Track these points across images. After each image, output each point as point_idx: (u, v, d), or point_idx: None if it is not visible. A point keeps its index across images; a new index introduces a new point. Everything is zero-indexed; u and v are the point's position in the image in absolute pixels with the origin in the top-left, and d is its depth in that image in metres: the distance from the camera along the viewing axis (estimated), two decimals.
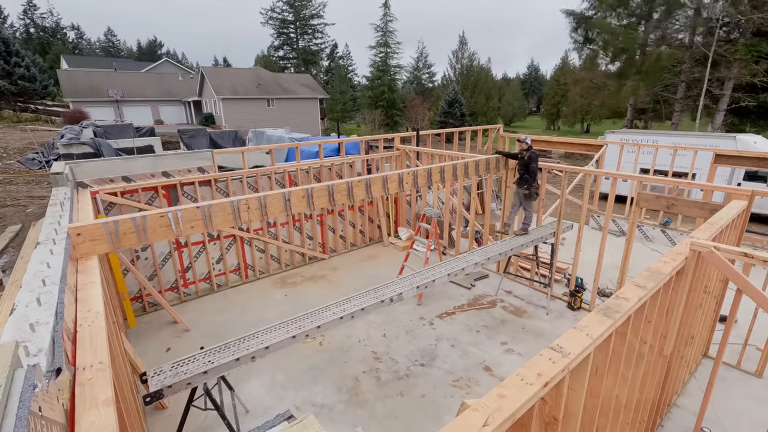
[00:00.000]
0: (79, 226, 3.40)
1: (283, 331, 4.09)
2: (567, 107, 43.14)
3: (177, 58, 76.22)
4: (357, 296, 4.81)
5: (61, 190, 5.05)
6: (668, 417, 4.58)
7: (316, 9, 54.17)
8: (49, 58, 56.09)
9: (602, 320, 2.31)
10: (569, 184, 7.54)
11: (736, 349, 5.49)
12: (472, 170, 6.65)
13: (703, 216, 5.07)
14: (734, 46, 20.59)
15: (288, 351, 5.48)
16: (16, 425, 1.18)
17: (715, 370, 3.56)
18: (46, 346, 1.73)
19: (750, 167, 8.42)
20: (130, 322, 6.67)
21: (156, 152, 17.32)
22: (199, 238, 7.51)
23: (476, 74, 46.48)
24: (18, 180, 16.38)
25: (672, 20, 23.13)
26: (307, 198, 4.82)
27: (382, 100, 46.21)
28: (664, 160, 10.88)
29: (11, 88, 34.75)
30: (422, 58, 52.65)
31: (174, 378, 3.38)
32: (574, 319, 6.76)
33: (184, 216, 3.97)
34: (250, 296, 7.65)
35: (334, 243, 9.55)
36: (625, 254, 6.23)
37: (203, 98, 39.59)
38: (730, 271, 3.17)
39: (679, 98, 23.87)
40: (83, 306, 2.47)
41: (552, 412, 2.02)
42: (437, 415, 4.74)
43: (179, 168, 7.22)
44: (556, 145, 12.38)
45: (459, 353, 5.85)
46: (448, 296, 7.49)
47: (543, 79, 68.55)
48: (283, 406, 4.84)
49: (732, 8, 19.71)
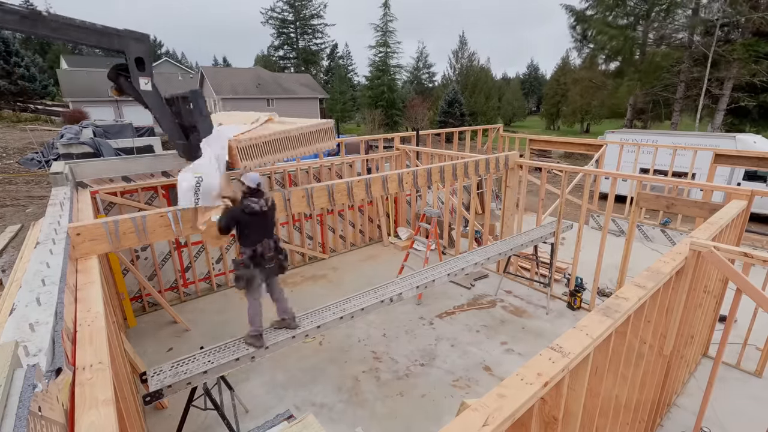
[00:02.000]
0: (78, 225, 3.40)
1: (283, 331, 4.09)
2: (567, 107, 43.14)
3: (177, 58, 76.11)
4: (357, 296, 4.81)
5: (61, 190, 5.04)
6: (668, 417, 4.59)
7: (317, 9, 54.18)
8: (48, 58, 56.05)
9: (602, 320, 2.31)
10: (569, 183, 7.55)
11: (735, 349, 5.49)
12: (472, 170, 6.65)
13: (703, 216, 5.07)
14: (733, 45, 20.59)
15: (288, 351, 5.48)
16: (15, 425, 1.17)
17: (715, 369, 3.56)
18: (46, 346, 1.73)
19: (750, 167, 8.43)
20: (130, 322, 6.67)
21: (156, 152, 17.32)
22: (198, 238, 7.50)
23: (476, 74, 46.47)
24: (17, 180, 16.38)
25: (671, 20, 23.13)
26: (307, 198, 4.82)
27: (382, 100, 46.20)
28: (663, 160, 10.88)
29: (11, 88, 34.75)
30: (422, 58, 52.66)
31: (174, 378, 3.38)
32: (574, 318, 6.77)
33: (184, 216, 3.96)
34: None
35: (334, 243, 9.55)
36: (624, 254, 6.23)
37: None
38: (729, 270, 3.17)
39: (678, 98, 23.86)
40: (83, 306, 2.47)
41: (552, 411, 2.02)
42: (437, 415, 4.74)
43: (179, 168, 7.20)
44: (556, 145, 12.39)
45: (459, 353, 5.85)
46: (448, 296, 7.49)
47: (543, 79, 68.51)
48: (283, 406, 4.84)
49: (730, 8, 19.70)
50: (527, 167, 7.51)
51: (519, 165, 7.55)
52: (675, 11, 22.67)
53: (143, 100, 4.01)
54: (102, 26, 3.52)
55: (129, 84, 3.89)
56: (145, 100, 3.99)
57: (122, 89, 3.98)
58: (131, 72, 3.80)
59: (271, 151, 4.37)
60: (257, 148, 4.23)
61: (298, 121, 5.07)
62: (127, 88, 3.94)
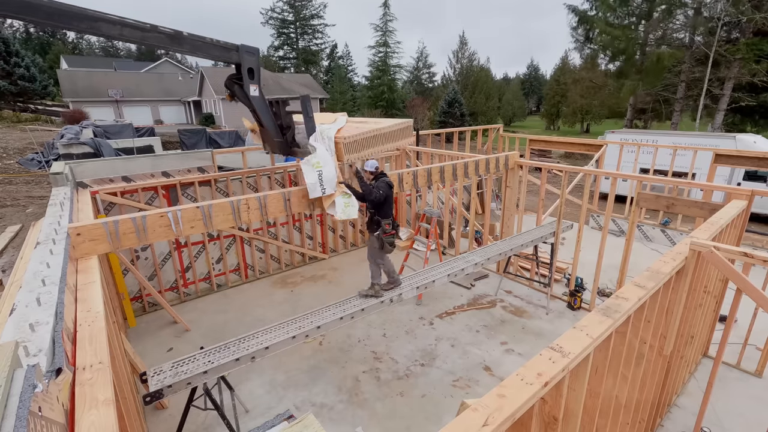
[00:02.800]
0: (78, 226, 3.40)
1: (283, 332, 4.09)
2: (567, 107, 43.12)
3: (177, 58, 76.12)
4: (357, 296, 4.82)
5: (61, 190, 5.05)
6: (668, 417, 4.59)
7: (316, 9, 54.21)
8: (48, 58, 56.07)
9: (602, 320, 2.31)
10: (569, 183, 7.55)
11: (735, 349, 5.49)
12: (472, 170, 6.65)
13: (703, 216, 5.07)
14: (735, 45, 20.59)
15: (288, 351, 5.47)
16: (15, 425, 1.17)
17: (715, 369, 3.56)
18: (46, 346, 1.73)
19: (750, 167, 8.42)
20: (130, 322, 6.67)
21: (156, 152, 17.33)
22: (198, 238, 7.50)
23: (476, 74, 46.46)
24: (18, 180, 16.38)
25: (672, 20, 23.13)
26: (307, 198, 4.82)
27: (382, 100, 46.22)
28: (663, 160, 10.88)
29: (11, 88, 34.72)
30: (422, 58, 52.66)
31: (174, 378, 3.38)
32: (574, 318, 6.77)
33: (184, 216, 3.97)
34: (250, 296, 7.65)
35: (334, 243, 9.55)
36: (624, 254, 6.23)
37: (203, 98, 39.59)
38: (729, 270, 3.17)
39: (679, 98, 23.87)
40: (83, 306, 2.47)
41: (552, 411, 2.02)
42: (437, 415, 4.74)
43: (179, 168, 7.22)
44: (556, 145, 12.39)
45: (459, 353, 5.85)
46: (448, 296, 7.49)
47: (543, 79, 68.48)
48: (283, 406, 4.84)
49: (732, 8, 19.69)
50: (527, 167, 7.51)
51: (519, 165, 7.55)
52: (676, 11, 22.67)
53: (252, 104, 4.58)
54: (224, 42, 4.10)
55: (241, 90, 4.47)
56: (253, 104, 4.57)
57: (234, 95, 4.59)
58: (244, 81, 4.38)
59: (367, 146, 5.06)
60: (357, 144, 4.91)
61: (370, 120, 5.85)
62: (239, 94, 4.52)
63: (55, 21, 3.24)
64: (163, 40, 3.79)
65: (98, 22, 3.39)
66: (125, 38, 3.59)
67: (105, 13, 3.41)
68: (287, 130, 4.95)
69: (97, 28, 3.41)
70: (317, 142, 4.66)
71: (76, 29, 3.37)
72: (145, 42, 3.73)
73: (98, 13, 3.38)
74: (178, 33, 3.85)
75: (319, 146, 4.63)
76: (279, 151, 5.12)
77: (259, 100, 4.57)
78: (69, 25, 3.29)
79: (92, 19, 3.35)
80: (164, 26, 3.73)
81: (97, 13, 3.37)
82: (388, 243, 4.72)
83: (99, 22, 3.39)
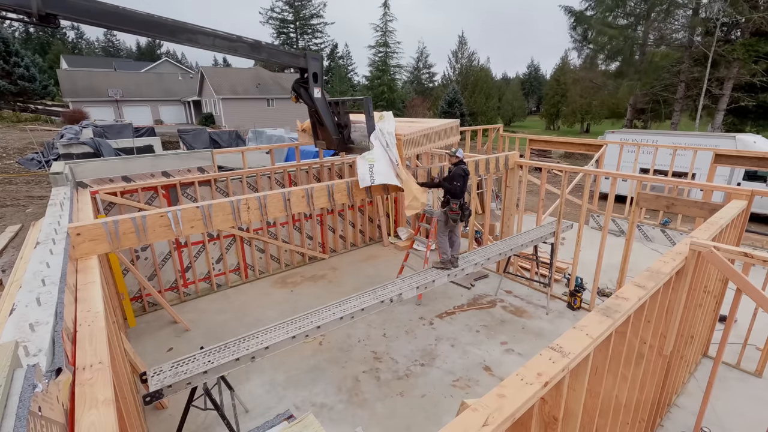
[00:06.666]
0: (78, 226, 3.40)
1: (283, 331, 4.09)
2: (567, 107, 43.12)
3: (176, 58, 76.13)
4: (357, 296, 4.82)
5: (61, 190, 5.05)
6: (668, 417, 4.59)
7: (316, 9, 54.22)
8: (48, 58, 56.08)
9: (602, 320, 2.31)
10: (569, 183, 7.55)
11: (735, 349, 5.50)
12: (472, 170, 6.65)
13: (703, 216, 5.07)
14: (733, 45, 20.59)
15: (288, 351, 5.45)
16: (15, 425, 1.17)
17: (715, 369, 3.57)
18: (46, 346, 1.73)
19: (750, 167, 8.42)
20: (130, 322, 6.67)
21: (155, 152, 17.32)
22: (198, 238, 7.50)
23: (476, 74, 46.47)
24: (17, 180, 16.38)
25: (671, 20, 23.13)
26: (307, 198, 4.82)
27: (382, 100, 46.21)
28: (663, 160, 10.88)
29: (11, 88, 34.74)
30: (422, 58, 52.67)
31: (174, 378, 3.38)
32: (574, 318, 6.77)
33: (184, 216, 3.97)
34: (250, 296, 7.65)
35: (334, 243, 9.55)
36: (624, 254, 6.23)
37: (203, 98, 39.59)
38: (729, 270, 3.17)
39: (678, 98, 23.87)
40: (83, 306, 2.47)
41: (552, 411, 2.02)
42: (437, 415, 4.74)
43: (179, 168, 7.22)
44: (556, 145, 12.39)
45: (459, 353, 5.85)
46: (448, 296, 7.49)
47: (543, 79, 68.47)
48: (283, 406, 4.84)
49: (730, 8, 19.70)
50: (527, 167, 7.50)
51: (519, 165, 7.55)
52: (675, 11, 22.67)
53: (314, 105, 5.00)
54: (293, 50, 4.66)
55: (306, 93, 4.92)
56: (315, 105, 5.00)
57: (300, 96, 5.01)
58: (309, 84, 4.85)
59: (421, 143, 5.61)
60: (414, 141, 5.45)
61: (420, 120, 6.47)
62: (303, 96, 4.97)
63: (173, 36, 3.79)
64: (246, 49, 4.27)
65: (197, 35, 3.92)
66: (217, 48, 4.09)
67: (202, 27, 3.96)
68: (344, 129, 5.43)
69: (195, 39, 3.93)
70: (376, 139, 5.15)
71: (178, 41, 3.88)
72: (233, 51, 4.20)
73: (197, 27, 3.92)
74: (257, 42, 4.35)
75: (376, 143, 5.13)
76: (335, 147, 5.53)
77: (321, 101, 4.99)
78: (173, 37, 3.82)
79: (191, 32, 3.88)
80: (247, 36, 4.25)
81: (196, 26, 3.92)
82: (451, 219, 5.50)
83: (198, 34, 3.92)
